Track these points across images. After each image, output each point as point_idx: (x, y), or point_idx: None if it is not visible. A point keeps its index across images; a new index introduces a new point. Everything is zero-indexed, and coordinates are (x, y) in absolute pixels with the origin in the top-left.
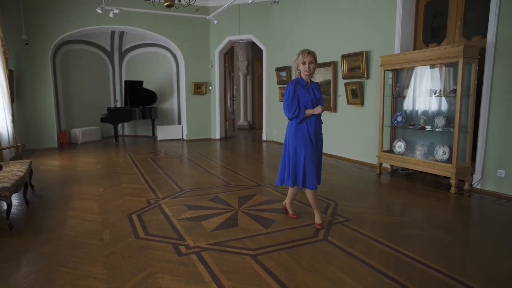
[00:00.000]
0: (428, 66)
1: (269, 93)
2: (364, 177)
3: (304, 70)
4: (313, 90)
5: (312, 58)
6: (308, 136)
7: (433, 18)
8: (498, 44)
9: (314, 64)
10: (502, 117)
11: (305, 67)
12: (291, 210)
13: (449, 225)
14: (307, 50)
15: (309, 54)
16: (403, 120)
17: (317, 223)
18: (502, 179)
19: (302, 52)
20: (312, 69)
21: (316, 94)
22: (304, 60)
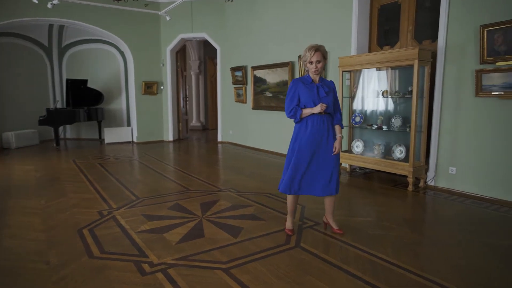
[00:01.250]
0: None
1: (224, 94)
2: None
3: (312, 69)
4: (317, 88)
5: (320, 57)
6: (311, 137)
7: (386, 21)
8: (448, 48)
9: (322, 63)
10: (452, 117)
11: (312, 66)
12: (335, 225)
13: (413, 224)
14: (314, 47)
15: (316, 52)
16: (361, 121)
17: (335, 229)
18: (453, 176)
19: (309, 50)
20: (320, 68)
21: (320, 92)
22: (310, 60)
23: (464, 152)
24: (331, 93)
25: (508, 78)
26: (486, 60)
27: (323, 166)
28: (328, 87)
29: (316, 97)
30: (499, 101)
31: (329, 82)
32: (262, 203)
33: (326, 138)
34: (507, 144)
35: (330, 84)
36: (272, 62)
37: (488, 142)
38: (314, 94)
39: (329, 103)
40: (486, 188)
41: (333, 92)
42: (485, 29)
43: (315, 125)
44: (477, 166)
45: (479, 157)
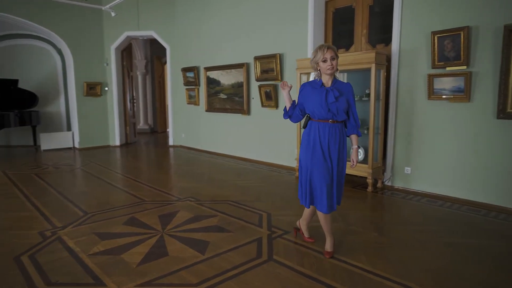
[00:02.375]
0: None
1: (175, 95)
2: (286, 181)
3: (326, 68)
4: (327, 93)
5: (333, 53)
6: (319, 146)
7: (341, 25)
8: (402, 53)
9: (337, 60)
10: (407, 119)
11: (326, 64)
12: (307, 233)
13: (379, 226)
14: (326, 45)
15: (329, 49)
16: None
17: (326, 251)
18: (408, 175)
19: (320, 49)
20: (336, 65)
21: (329, 97)
22: (324, 57)
23: (418, 153)
24: (343, 97)
25: (457, 82)
26: (437, 65)
27: (337, 178)
28: (339, 91)
29: (324, 102)
30: (449, 104)
31: (343, 86)
32: (226, 212)
33: (340, 148)
34: (457, 144)
35: (343, 88)
36: (227, 63)
37: (440, 142)
38: (322, 99)
39: (339, 109)
40: (439, 187)
41: (346, 97)
42: (436, 35)
43: (328, 133)
44: (430, 165)
45: (432, 157)
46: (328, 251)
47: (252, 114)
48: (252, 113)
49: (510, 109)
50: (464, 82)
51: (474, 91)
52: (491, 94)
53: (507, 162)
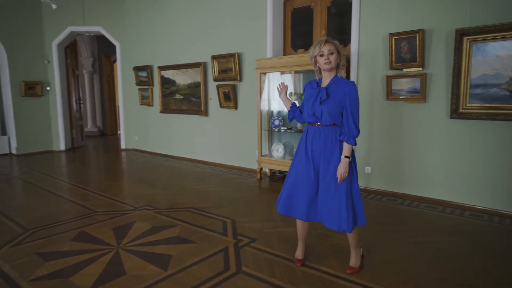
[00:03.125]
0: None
1: (126, 96)
2: (247, 184)
3: (323, 63)
4: (319, 92)
5: (332, 47)
6: (303, 148)
7: (300, 25)
8: (361, 54)
9: (336, 55)
10: (367, 119)
11: (323, 59)
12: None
13: None
14: (324, 38)
15: (326, 43)
16: (281, 124)
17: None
18: (369, 175)
19: (318, 42)
20: (334, 60)
21: (321, 96)
22: (321, 51)
23: (378, 152)
24: (334, 100)
25: (413, 83)
26: (395, 66)
27: (328, 193)
28: (331, 92)
29: (313, 102)
30: (406, 104)
31: (340, 86)
32: (187, 221)
33: (327, 158)
34: (414, 143)
35: (339, 89)
36: (182, 62)
37: (398, 142)
38: (314, 99)
39: (323, 112)
40: (398, 185)
41: (340, 99)
42: (393, 37)
43: (310, 137)
44: (389, 164)
45: (391, 156)
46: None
47: (210, 115)
48: (210, 114)
49: (462, 109)
50: (420, 83)
51: (429, 92)
52: (445, 95)
53: (460, 160)
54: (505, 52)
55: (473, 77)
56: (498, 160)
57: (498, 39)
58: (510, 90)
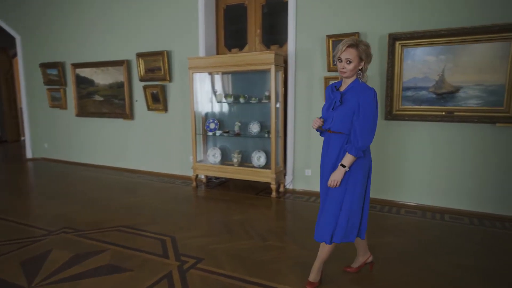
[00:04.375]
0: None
1: (32, 96)
2: (183, 193)
3: (339, 70)
4: (334, 97)
5: (352, 55)
6: (322, 157)
7: (233, 23)
8: (298, 55)
9: (355, 64)
10: (305, 120)
11: (340, 66)
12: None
13: (295, 237)
14: (349, 41)
15: (348, 48)
16: (217, 127)
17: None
18: (309, 177)
19: (341, 44)
20: (350, 71)
21: (335, 102)
22: (339, 56)
23: (317, 154)
24: (349, 105)
25: None
26: (332, 68)
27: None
28: (350, 97)
29: (328, 108)
30: None
31: (359, 91)
32: (118, 243)
33: (330, 166)
34: None
35: (356, 94)
36: (102, 60)
37: None
38: (329, 104)
39: (335, 118)
40: None
41: (355, 105)
42: (330, 39)
43: (324, 144)
44: None
45: None
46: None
47: (136, 118)
48: (136, 118)
49: (395, 111)
50: None
51: None
52: (379, 98)
53: (395, 159)
54: (432, 57)
55: (405, 80)
56: (429, 158)
57: (426, 45)
58: (436, 93)
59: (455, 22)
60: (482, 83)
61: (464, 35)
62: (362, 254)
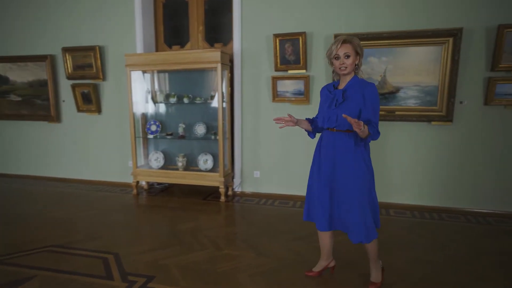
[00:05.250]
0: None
1: None
2: (123, 202)
3: (338, 67)
4: (335, 95)
5: (349, 49)
6: (318, 155)
7: (174, 19)
8: (244, 54)
9: (353, 59)
10: (253, 122)
11: (338, 63)
12: (373, 276)
13: (251, 243)
14: (342, 37)
15: (343, 44)
16: (158, 130)
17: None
18: (258, 179)
19: (335, 42)
20: (350, 65)
21: (337, 99)
22: (336, 54)
23: (265, 155)
24: (354, 101)
25: (298, 85)
26: (279, 67)
27: (343, 201)
28: (352, 93)
29: (328, 106)
30: (291, 106)
31: (361, 86)
32: (48, 267)
33: (343, 164)
34: (300, 144)
35: (359, 90)
36: (19, 54)
37: (285, 144)
38: (329, 103)
39: (339, 116)
40: (288, 187)
41: (360, 100)
42: (277, 38)
43: (324, 143)
44: (277, 167)
45: (279, 159)
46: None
47: (64, 121)
48: (64, 120)
49: None
50: (303, 85)
51: (313, 94)
52: None
53: None
54: (375, 59)
55: None
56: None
57: (369, 46)
58: (379, 93)
59: (396, 26)
60: (419, 84)
61: (403, 38)
62: (325, 259)
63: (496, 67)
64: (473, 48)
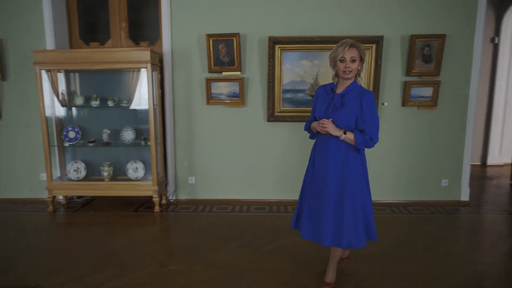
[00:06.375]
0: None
1: None
2: (38, 222)
3: (342, 70)
4: (333, 99)
5: (355, 53)
6: (312, 160)
7: (90, 12)
8: (175, 54)
9: (358, 62)
10: (186, 125)
11: (343, 66)
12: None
13: (197, 255)
14: (349, 41)
15: (352, 47)
16: (78, 137)
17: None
18: (193, 185)
19: (342, 45)
20: (355, 69)
21: (335, 104)
22: (342, 56)
23: (201, 160)
24: (349, 109)
25: (233, 87)
26: (213, 69)
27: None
28: (347, 101)
29: (327, 109)
30: (226, 108)
31: (359, 93)
32: None
33: (338, 170)
34: (236, 148)
35: (357, 96)
36: None
37: (220, 147)
38: (327, 106)
39: (339, 123)
40: (223, 192)
41: (357, 107)
42: (211, 38)
43: (319, 147)
44: (213, 171)
45: (215, 163)
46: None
47: None
48: None
49: (277, 113)
50: (239, 87)
51: (248, 96)
52: (261, 99)
53: (281, 160)
54: (307, 62)
55: (285, 82)
56: None
57: (302, 50)
58: (312, 95)
59: (327, 31)
60: None
61: (333, 43)
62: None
63: (410, 72)
64: (392, 54)
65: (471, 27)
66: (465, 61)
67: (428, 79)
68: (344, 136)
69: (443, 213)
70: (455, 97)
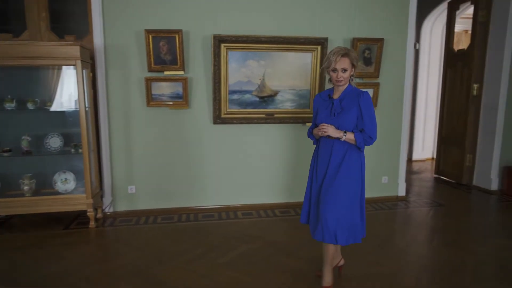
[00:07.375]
0: None
1: None
2: None
3: (334, 80)
4: (332, 104)
5: (346, 64)
6: (315, 163)
7: None
8: (109, 51)
9: (349, 72)
10: (123, 130)
11: (335, 75)
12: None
13: (148, 276)
14: (342, 50)
15: (343, 57)
16: None
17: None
18: (133, 195)
19: (334, 54)
20: (346, 78)
21: (335, 109)
22: (334, 67)
23: (141, 167)
24: (349, 112)
25: (176, 88)
26: (154, 68)
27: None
28: (346, 105)
29: (327, 115)
30: (169, 110)
31: (356, 95)
32: None
33: (336, 165)
34: (181, 153)
35: (355, 99)
36: None
37: (163, 153)
38: (328, 112)
39: (341, 126)
40: (167, 200)
41: (357, 108)
42: (150, 34)
43: (321, 151)
44: (156, 179)
45: (158, 169)
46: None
47: None
48: None
49: (223, 115)
50: (182, 88)
51: (193, 97)
52: (207, 101)
53: (229, 164)
54: (254, 62)
55: (231, 83)
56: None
57: (249, 49)
58: (259, 96)
59: (274, 31)
60: (294, 88)
61: (280, 43)
62: (335, 257)
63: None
64: None
65: (404, 32)
66: (399, 65)
67: (369, 81)
68: (344, 137)
69: (386, 209)
70: (392, 98)
